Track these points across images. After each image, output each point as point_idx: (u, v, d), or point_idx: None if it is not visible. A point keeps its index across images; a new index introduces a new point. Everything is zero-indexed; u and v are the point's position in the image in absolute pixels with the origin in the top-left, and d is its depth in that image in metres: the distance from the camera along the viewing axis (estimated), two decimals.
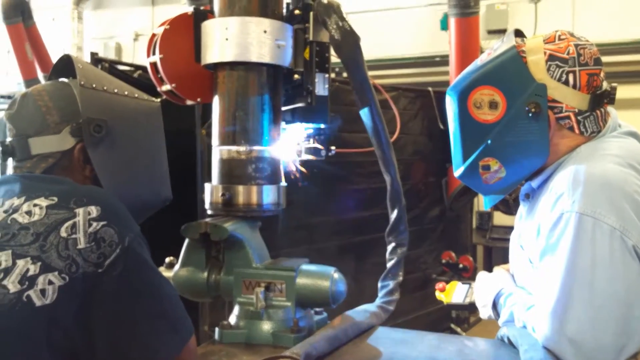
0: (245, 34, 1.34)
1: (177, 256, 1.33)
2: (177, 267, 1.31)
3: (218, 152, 1.38)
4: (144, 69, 3.02)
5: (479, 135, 1.25)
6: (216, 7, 1.40)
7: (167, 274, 1.33)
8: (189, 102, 1.51)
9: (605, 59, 1.23)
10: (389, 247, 1.48)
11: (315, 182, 1.66)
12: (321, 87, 1.41)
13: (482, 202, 1.44)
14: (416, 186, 4.00)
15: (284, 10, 1.42)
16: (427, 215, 4.07)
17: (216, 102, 1.40)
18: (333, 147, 1.51)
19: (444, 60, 4.92)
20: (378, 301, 1.46)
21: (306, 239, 2.89)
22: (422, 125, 4.07)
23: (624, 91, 4.54)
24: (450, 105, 1.30)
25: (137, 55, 7.33)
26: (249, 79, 1.38)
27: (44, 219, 0.88)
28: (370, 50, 6.09)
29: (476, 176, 1.28)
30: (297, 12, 1.40)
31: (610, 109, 1.26)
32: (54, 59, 5.57)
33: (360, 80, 1.35)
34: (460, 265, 2.90)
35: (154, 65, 1.45)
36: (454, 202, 3.93)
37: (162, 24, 1.46)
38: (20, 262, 0.84)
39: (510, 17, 5.63)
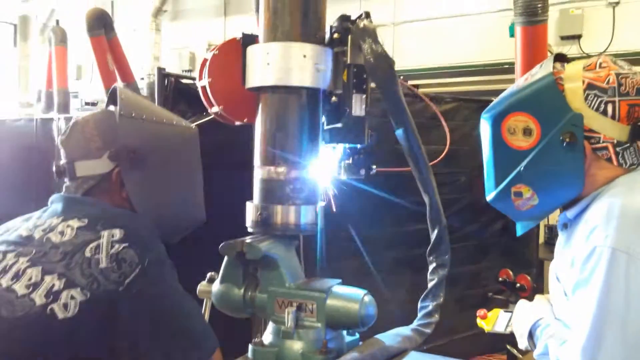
0: (286, 59, 1.39)
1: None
2: (216, 282, 1.38)
3: (259, 172, 1.43)
4: None
5: (511, 161, 1.23)
6: (260, 32, 1.45)
7: (207, 288, 1.40)
8: (238, 123, 1.58)
9: None
10: (430, 267, 1.48)
11: (368, 195, 1.67)
12: (358, 108, 1.43)
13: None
14: (478, 200, 3.91)
15: (328, 33, 1.46)
16: (488, 229, 3.97)
17: (258, 124, 1.45)
18: (374, 166, 1.53)
19: (511, 68, 4.78)
20: (415, 323, 1.46)
21: (359, 251, 2.90)
22: None
23: None
24: (485, 129, 1.30)
25: None
26: (289, 102, 1.42)
27: (73, 239, 0.97)
28: (437, 58, 6.07)
29: (508, 202, 1.27)
30: (336, 35, 1.43)
31: None
32: (135, 68, 5.90)
33: (394, 102, 1.36)
34: (518, 285, 2.81)
35: (204, 88, 1.53)
36: None
37: (213, 49, 1.54)
38: (48, 278, 0.94)
39: (586, 22, 5.39)
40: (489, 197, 1.32)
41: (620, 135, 1.15)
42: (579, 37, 5.37)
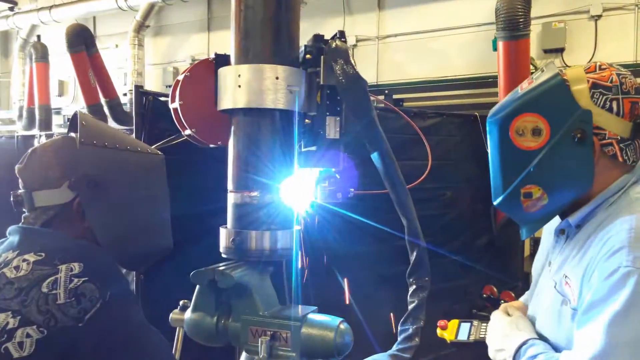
0: (258, 81, 1.35)
1: None
2: (188, 310, 1.33)
3: (232, 196, 1.39)
4: None
5: (521, 162, 1.24)
6: (231, 53, 1.42)
7: (179, 316, 1.36)
8: (212, 145, 1.54)
9: None
10: (410, 289, 1.45)
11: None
12: (332, 131, 1.40)
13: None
14: (463, 214, 3.90)
15: (301, 54, 1.44)
16: (474, 244, 3.95)
17: (230, 147, 1.42)
18: (351, 189, 1.50)
19: (496, 81, 4.81)
20: (394, 348, 1.42)
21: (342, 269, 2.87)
22: (469, 151, 3.96)
23: None
24: (491, 134, 1.30)
25: None
26: (261, 125, 1.39)
27: (29, 274, 0.93)
28: (421, 72, 6.11)
29: (517, 205, 1.27)
30: (308, 56, 1.41)
31: None
32: (117, 84, 5.87)
33: (367, 124, 1.34)
34: (502, 301, 2.78)
35: (176, 110, 1.50)
36: (502, 229, 3.80)
37: (184, 71, 1.50)
38: (2, 316, 0.89)
39: (569, 36, 5.43)
40: (497, 201, 1.31)
41: (623, 131, 1.19)
42: (562, 50, 5.42)
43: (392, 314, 2.35)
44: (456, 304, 3.79)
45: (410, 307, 1.44)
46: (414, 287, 1.45)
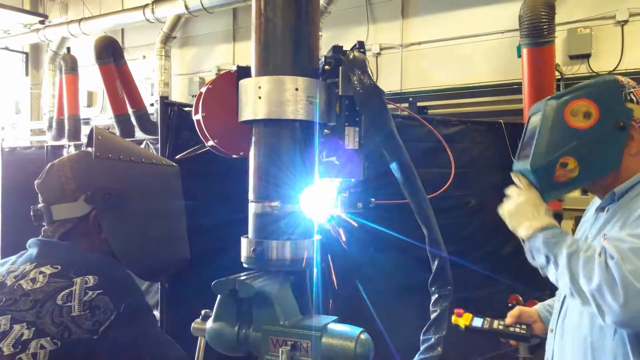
0: (278, 92, 1.37)
1: None
2: (210, 320, 1.35)
3: (253, 206, 1.41)
4: None
5: (568, 137, 1.48)
6: (252, 66, 1.44)
7: (201, 326, 1.37)
8: (234, 156, 1.56)
9: None
10: (432, 299, 1.44)
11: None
12: (351, 141, 1.41)
13: None
14: (488, 222, 3.85)
15: (321, 64, 1.45)
16: (499, 252, 3.90)
17: (252, 158, 1.44)
18: (373, 199, 1.50)
19: (521, 88, 4.76)
20: (417, 358, 1.42)
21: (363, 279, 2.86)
22: (493, 158, 3.92)
23: None
24: (545, 110, 1.54)
25: None
26: (281, 136, 1.40)
27: (45, 286, 0.95)
28: (445, 79, 6.07)
29: (550, 172, 1.50)
30: (326, 67, 1.42)
31: None
32: (144, 94, 5.96)
33: (386, 134, 1.34)
34: (509, 304, 2.75)
35: (199, 122, 1.52)
36: None
37: (207, 84, 1.53)
38: (17, 327, 0.91)
39: (594, 41, 5.34)
40: (535, 164, 1.52)
41: None
42: (588, 56, 5.33)
43: None
44: (482, 313, 3.73)
45: (432, 316, 1.43)
46: (436, 296, 1.44)
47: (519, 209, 1.59)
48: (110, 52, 6.60)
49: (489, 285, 3.82)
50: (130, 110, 7.02)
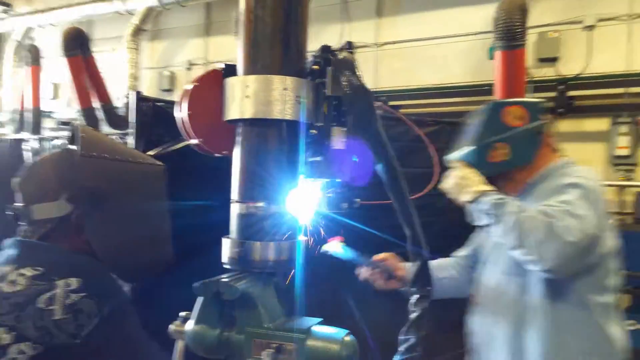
0: (266, 92, 1.35)
1: None
2: (190, 322, 1.32)
3: (236, 206, 1.39)
4: None
5: (503, 129, 2.03)
6: (239, 64, 1.42)
7: (180, 328, 1.34)
8: (217, 155, 1.53)
9: None
10: (413, 298, 1.45)
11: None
12: (338, 141, 1.40)
13: None
14: (456, 221, 3.89)
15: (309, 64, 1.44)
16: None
17: (236, 157, 1.41)
18: (357, 199, 1.50)
19: (492, 89, 4.84)
20: (397, 358, 1.42)
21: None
22: None
23: None
24: (489, 108, 2.12)
25: None
26: (268, 136, 1.38)
27: (26, 290, 0.92)
28: (419, 79, 6.13)
29: (486, 152, 2.04)
30: (315, 67, 1.40)
31: None
32: (113, 88, 5.84)
33: (373, 136, 1.34)
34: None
35: (183, 120, 1.49)
36: None
37: (194, 81, 1.49)
38: None
39: (563, 45, 5.47)
40: (476, 143, 2.06)
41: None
42: (556, 59, 5.45)
43: None
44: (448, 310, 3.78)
45: (412, 316, 1.44)
46: (417, 295, 1.46)
47: (461, 180, 2.00)
48: (78, 44, 6.43)
49: None
50: (97, 104, 6.86)
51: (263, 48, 1.39)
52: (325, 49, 1.42)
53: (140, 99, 2.94)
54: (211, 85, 1.48)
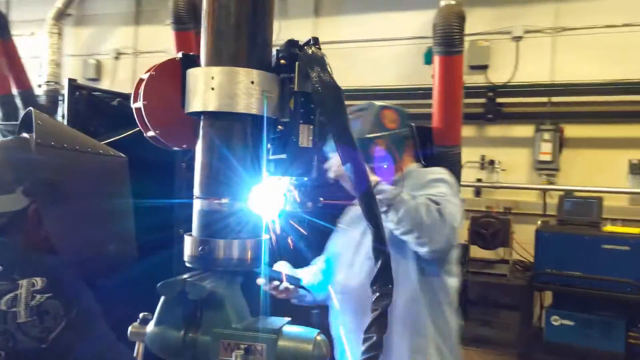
0: (231, 84, 1.30)
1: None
2: (151, 324, 1.26)
3: (199, 203, 1.34)
4: (123, 96, 2.95)
5: (381, 129, 2.34)
6: (202, 55, 1.36)
7: (140, 330, 1.28)
8: (176, 148, 1.47)
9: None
10: (374, 297, 1.45)
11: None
12: (305, 139, 1.38)
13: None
14: None
15: (274, 59, 1.40)
16: None
17: (198, 151, 1.36)
18: (321, 199, 1.49)
19: (427, 93, 4.97)
20: (362, 357, 1.42)
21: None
22: None
23: (602, 131, 4.67)
24: (371, 110, 2.38)
25: (118, 74, 7.26)
26: (233, 130, 1.34)
27: None
28: (353, 80, 6.18)
29: (369, 146, 2.31)
30: (282, 62, 1.37)
31: None
32: (32, 75, 5.46)
33: (341, 135, 1.32)
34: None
35: (139, 110, 1.41)
36: None
37: (149, 70, 1.42)
38: None
39: (492, 54, 5.72)
40: (361, 137, 2.27)
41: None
42: (486, 67, 5.69)
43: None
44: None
45: (373, 315, 1.44)
46: (378, 294, 1.45)
47: None
48: None
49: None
50: (15, 91, 6.43)
51: (228, 39, 1.34)
52: (292, 43, 1.39)
53: (75, 87, 2.78)
54: (168, 75, 1.42)
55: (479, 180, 5.48)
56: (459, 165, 3.90)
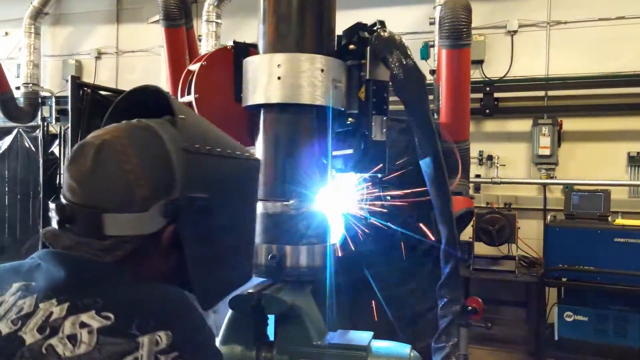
0: (299, 73, 1.17)
1: None
2: (217, 343, 1.11)
3: (262, 205, 1.19)
4: None
5: None
6: (261, 41, 1.22)
7: None
8: None
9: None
10: (441, 303, 1.34)
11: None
12: (379, 132, 1.25)
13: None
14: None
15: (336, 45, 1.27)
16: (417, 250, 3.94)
17: (260, 148, 1.22)
18: (388, 197, 1.37)
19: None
20: None
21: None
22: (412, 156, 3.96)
23: (600, 124, 4.59)
24: None
25: (99, 74, 7.00)
26: (300, 124, 1.20)
27: (94, 352, 0.60)
28: None
29: None
30: (351, 47, 1.24)
31: None
32: (9, 76, 5.17)
33: (422, 125, 1.20)
34: (469, 308, 2.76)
35: (189, 105, 1.27)
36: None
37: (198, 60, 1.28)
38: None
39: (488, 49, 5.66)
40: None
41: None
42: (481, 62, 5.63)
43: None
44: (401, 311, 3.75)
45: (443, 322, 1.33)
46: (445, 299, 1.34)
47: None
48: None
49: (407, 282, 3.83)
50: None
51: (292, 22, 1.21)
52: (360, 27, 1.26)
53: (79, 85, 2.60)
54: (220, 66, 1.28)
55: (478, 176, 5.41)
56: (468, 160, 3.79)
